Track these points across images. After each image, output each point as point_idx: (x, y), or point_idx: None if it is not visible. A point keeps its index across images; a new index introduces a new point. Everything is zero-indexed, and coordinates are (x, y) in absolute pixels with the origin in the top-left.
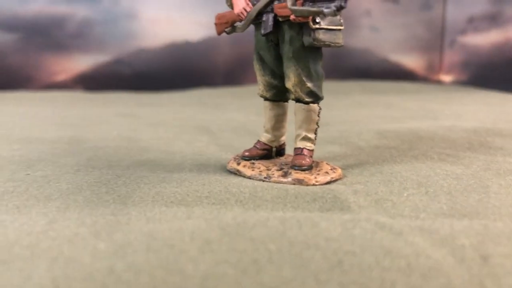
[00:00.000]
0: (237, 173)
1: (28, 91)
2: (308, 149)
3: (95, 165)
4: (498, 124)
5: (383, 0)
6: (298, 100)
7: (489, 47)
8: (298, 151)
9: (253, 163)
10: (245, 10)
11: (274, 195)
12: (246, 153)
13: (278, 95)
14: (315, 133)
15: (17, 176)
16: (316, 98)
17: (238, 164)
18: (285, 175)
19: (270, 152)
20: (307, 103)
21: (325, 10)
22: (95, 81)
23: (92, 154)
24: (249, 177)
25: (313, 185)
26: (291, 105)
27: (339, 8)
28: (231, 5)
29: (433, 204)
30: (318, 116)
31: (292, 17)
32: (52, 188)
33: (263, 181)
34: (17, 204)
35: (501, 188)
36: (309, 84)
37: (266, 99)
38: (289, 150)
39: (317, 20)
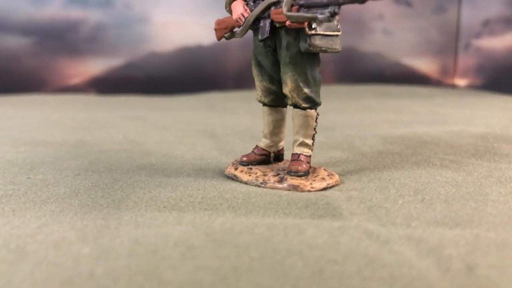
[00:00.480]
0: (234, 178)
1: (42, 94)
2: (305, 155)
3: (95, 169)
4: (508, 129)
5: (396, 3)
6: (295, 105)
7: (505, 50)
8: (295, 157)
9: (250, 168)
10: (243, 15)
11: (267, 201)
12: (244, 158)
13: (276, 100)
14: (313, 139)
15: (18, 179)
16: (313, 103)
17: (236, 169)
18: (281, 180)
19: (268, 158)
20: (304, 108)
21: (319, 16)
22: (108, 85)
23: (94, 158)
24: (246, 183)
25: (308, 191)
26: (290, 110)
27: (333, 14)
28: (230, 11)
29: (427, 212)
30: (316, 122)
31: (287, 23)
32: (50, 191)
33: (259, 186)
34: (14, 207)
35: (500, 196)
36: (306, 90)
37: (264, 104)
38: (288, 155)
39: (313, 26)
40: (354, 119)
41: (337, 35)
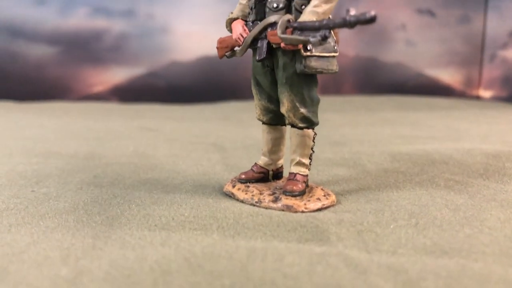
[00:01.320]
0: (231, 196)
1: (66, 101)
2: (301, 175)
3: (98, 183)
4: None
5: (419, 13)
6: (292, 125)
7: None
8: (292, 176)
9: (247, 186)
10: (241, 36)
11: (258, 222)
12: (243, 176)
13: (274, 119)
14: (310, 158)
15: (22, 193)
16: (310, 123)
17: (233, 186)
18: (275, 200)
19: (267, 175)
20: (301, 128)
21: (311, 39)
22: (130, 93)
23: (100, 171)
24: (242, 201)
25: (302, 212)
26: (289, 128)
27: (324, 38)
28: (230, 30)
29: (417, 238)
30: (313, 142)
31: (282, 44)
32: (50, 206)
33: (254, 205)
34: (12, 222)
35: (497, 222)
36: (302, 110)
37: (263, 122)
38: (287, 173)
39: (309, 48)
40: (367, 133)
41: (333, 56)
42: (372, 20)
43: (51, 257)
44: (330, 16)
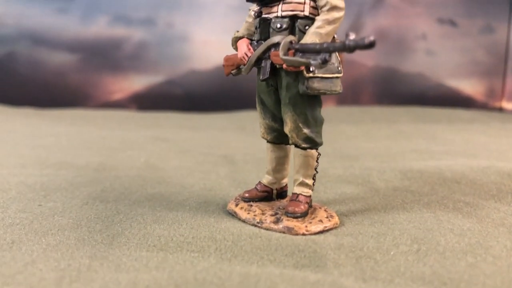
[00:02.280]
0: (234, 214)
1: (85, 109)
2: (304, 195)
3: (104, 198)
4: None
5: (440, 23)
6: (295, 145)
7: None
8: (294, 197)
9: (250, 205)
10: (246, 55)
11: (256, 245)
12: (246, 194)
13: (279, 138)
14: (313, 179)
15: (29, 207)
16: (313, 144)
17: (237, 205)
18: (277, 221)
19: (271, 194)
20: (304, 148)
21: (312, 62)
22: (148, 101)
23: (108, 185)
24: (243, 221)
25: (303, 234)
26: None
27: (324, 61)
28: (236, 48)
29: (417, 267)
30: (317, 162)
31: (284, 66)
32: (54, 222)
33: (255, 226)
34: (14, 239)
35: (503, 250)
36: (305, 130)
37: (267, 141)
38: (291, 192)
39: (311, 69)
40: (381, 147)
41: (337, 77)
42: (371, 45)
43: (45, 279)
44: (335, 36)
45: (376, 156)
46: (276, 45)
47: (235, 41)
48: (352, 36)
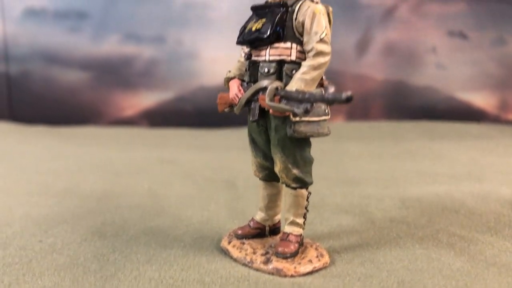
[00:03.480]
0: (226, 252)
1: (97, 126)
2: (295, 235)
3: (103, 233)
4: None
5: (451, 35)
6: (286, 184)
7: None
8: (284, 236)
9: (243, 243)
10: (237, 96)
11: None
12: (239, 232)
13: (270, 175)
14: (304, 217)
15: (30, 243)
16: (303, 184)
17: (229, 242)
18: (266, 262)
19: (264, 231)
20: (294, 188)
21: (296, 110)
22: (159, 117)
23: (109, 217)
24: (235, 259)
25: (291, 276)
26: None
27: (306, 111)
28: (228, 88)
29: None
30: (307, 201)
31: (270, 111)
32: (52, 261)
33: (246, 265)
34: (11, 280)
35: None
36: (295, 171)
37: (259, 178)
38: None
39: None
40: (385, 168)
41: (324, 120)
42: (348, 100)
43: None
44: (324, 77)
45: (378, 181)
46: (264, 89)
47: (227, 81)
48: (331, 89)
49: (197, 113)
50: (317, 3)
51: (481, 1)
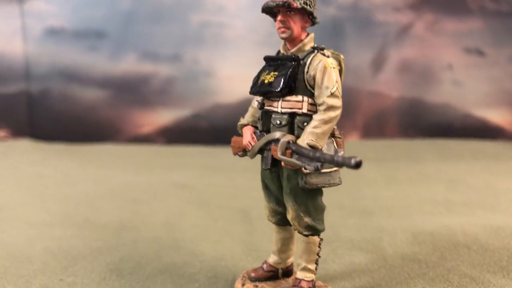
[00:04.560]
0: None
1: (115, 143)
2: (306, 281)
3: (121, 270)
4: None
5: (467, 52)
6: (298, 231)
7: None
8: (297, 282)
9: (256, 286)
10: (250, 143)
11: None
12: (252, 274)
13: (283, 220)
14: (316, 263)
15: (51, 282)
16: (315, 231)
17: (243, 285)
18: None
19: (277, 274)
20: (306, 235)
21: (307, 167)
22: (176, 134)
23: (126, 252)
24: None
25: None
26: None
27: (316, 169)
28: (242, 134)
29: None
30: (319, 247)
31: (282, 163)
32: None
33: None
34: None
35: None
36: (306, 219)
37: (272, 223)
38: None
39: None
40: (399, 195)
41: (336, 170)
42: (357, 166)
43: None
44: (335, 127)
45: (391, 210)
46: (276, 140)
47: (241, 127)
48: (341, 153)
49: (212, 130)
50: (328, 56)
51: (497, 17)
